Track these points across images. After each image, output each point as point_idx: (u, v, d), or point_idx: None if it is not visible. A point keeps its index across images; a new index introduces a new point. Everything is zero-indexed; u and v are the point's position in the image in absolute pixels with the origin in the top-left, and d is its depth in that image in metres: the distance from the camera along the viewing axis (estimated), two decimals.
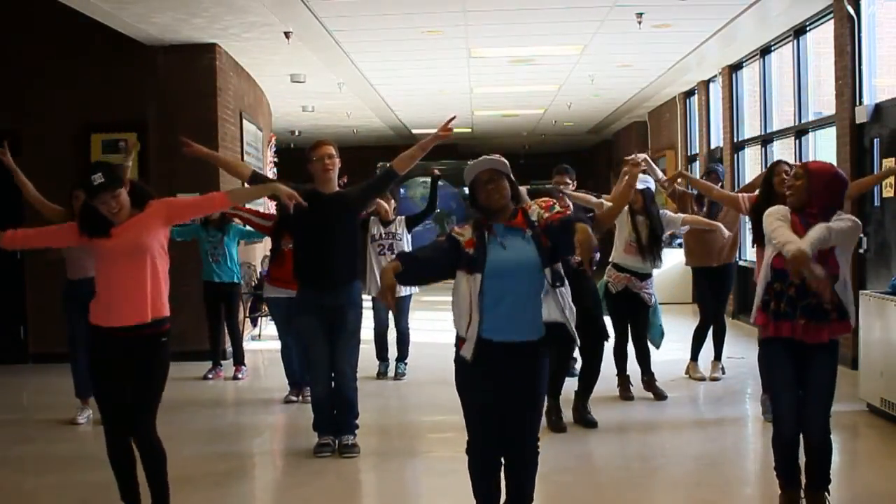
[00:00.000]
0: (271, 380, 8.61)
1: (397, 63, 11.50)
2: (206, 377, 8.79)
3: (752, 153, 12.36)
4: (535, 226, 4.05)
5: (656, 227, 7.17)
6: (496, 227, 4.05)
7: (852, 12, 8.29)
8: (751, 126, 12.37)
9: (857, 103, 8.39)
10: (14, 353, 9.96)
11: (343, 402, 5.98)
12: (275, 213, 7.79)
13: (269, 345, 10.57)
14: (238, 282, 8.86)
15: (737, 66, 12.37)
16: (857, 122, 8.36)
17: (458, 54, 11.00)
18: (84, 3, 7.94)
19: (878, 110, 8.15)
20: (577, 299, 4.27)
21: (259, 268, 11.45)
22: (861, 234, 8.25)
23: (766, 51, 11.24)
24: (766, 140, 11.45)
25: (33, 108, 9.94)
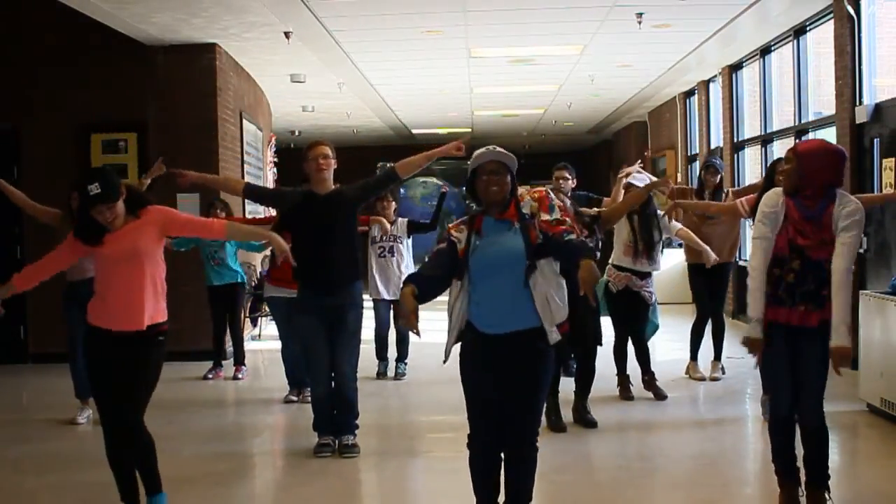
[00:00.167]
0: (271, 380, 8.61)
1: (397, 63, 11.50)
2: (206, 377, 8.79)
3: (752, 153, 12.36)
4: (524, 218, 4.07)
5: (653, 229, 7.17)
6: (486, 220, 4.10)
7: (852, 12, 8.28)
8: (751, 126, 12.37)
9: (857, 103, 8.39)
10: (14, 353, 9.96)
11: (343, 403, 5.98)
12: (273, 216, 7.78)
13: (269, 345, 10.57)
14: (241, 281, 8.86)
15: (737, 66, 12.37)
16: (857, 122, 8.36)
17: (458, 54, 11.00)
18: (84, 3, 7.95)
19: (878, 110, 8.15)
20: (572, 299, 4.27)
21: (259, 268, 11.45)
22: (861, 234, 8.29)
23: (766, 51, 11.24)
24: (766, 140, 11.45)
25: (33, 108, 9.94)
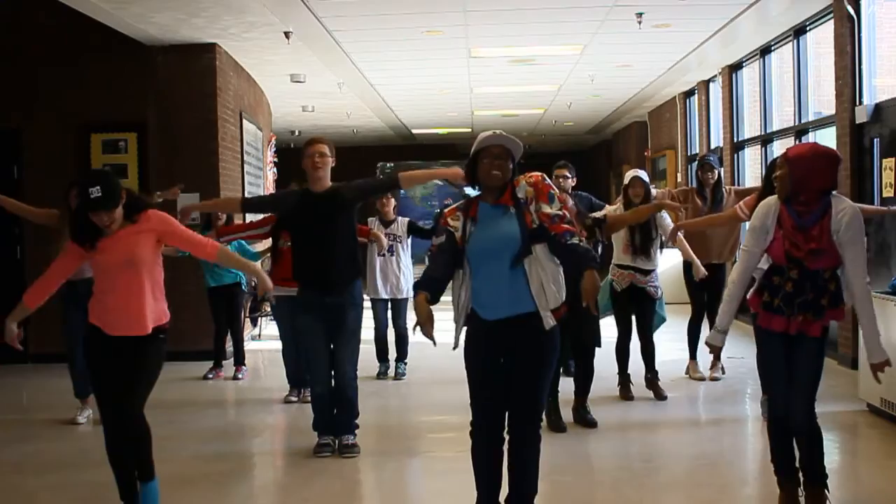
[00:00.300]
0: (271, 380, 8.61)
1: (397, 63, 11.50)
2: (206, 377, 8.79)
3: (752, 153, 12.36)
4: (520, 202, 4.07)
5: (650, 227, 7.17)
6: (481, 206, 4.11)
7: (852, 12, 8.29)
8: (751, 126, 12.37)
9: (857, 103, 8.39)
10: (14, 353, 9.91)
11: (343, 402, 5.97)
12: (271, 217, 7.76)
13: (269, 345, 10.58)
14: (240, 281, 8.85)
15: (737, 66, 12.37)
16: (857, 122, 8.36)
17: (458, 54, 11.00)
18: (84, 3, 7.94)
19: (877, 110, 8.15)
20: (571, 297, 4.27)
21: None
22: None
23: (766, 51, 11.24)
24: (766, 140, 11.45)
25: (33, 108, 9.94)
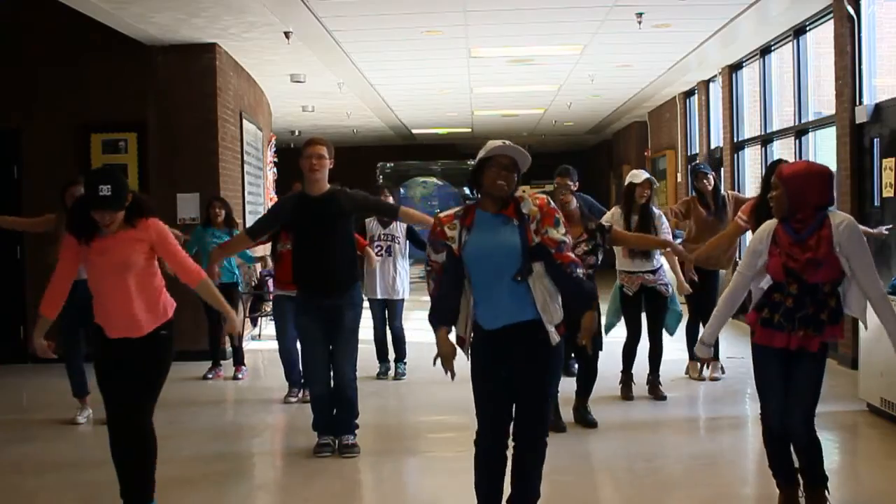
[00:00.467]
0: (271, 380, 8.61)
1: (397, 63, 11.50)
2: (206, 377, 8.79)
3: (752, 153, 12.36)
4: (525, 218, 4.05)
5: (649, 229, 7.16)
6: (478, 214, 4.09)
7: (852, 12, 8.28)
8: (751, 126, 12.37)
9: (857, 103, 8.39)
10: (14, 353, 9.95)
11: (343, 402, 5.97)
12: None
13: (269, 345, 10.56)
14: (236, 282, 8.85)
15: (737, 66, 12.37)
16: (857, 122, 8.36)
17: (458, 54, 11.00)
18: (84, 3, 7.94)
19: (877, 110, 8.15)
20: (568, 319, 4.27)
21: (259, 268, 11.45)
22: None
23: (766, 51, 11.24)
24: (766, 140, 11.45)
25: (33, 108, 9.94)
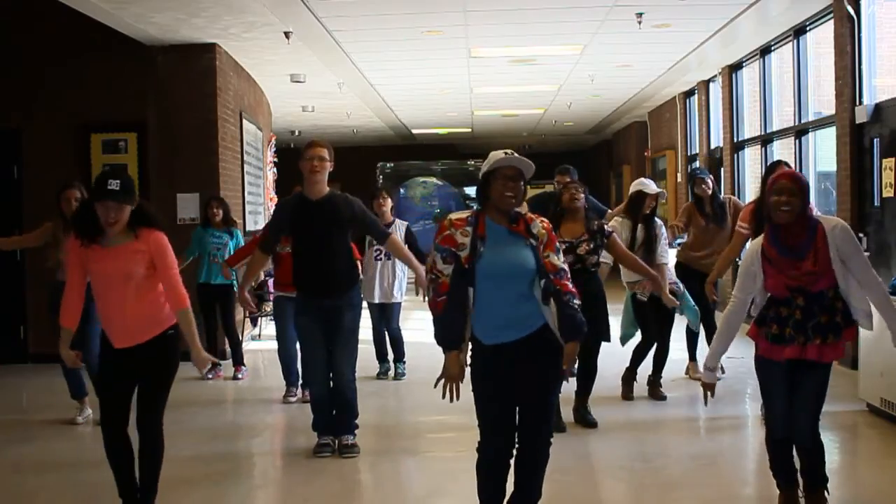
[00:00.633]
0: (271, 380, 8.60)
1: (397, 63, 11.50)
2: (205, 377, 8.78)
3: (752, 153, 12.35)
4: (535, 237, 4.07)
5: (652, 240, 7.17)
6: (489, 225, 4.06)
7: (852, 12, 8.28)
8: (751, 126, 12.37)
9: (857, 103, 8.39)
10: (14, 353, 9.96)
11: (342, 403, 5.97)
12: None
13: (269, 345, 10.56)
14: (232, 283, 8.84)
15: (737, 66, 12.37)
16: (857, 122, 8.36)
17: (458, 54, 11.00)
18: (84, 3, 7.94)
19: (877, 110, 8.15)
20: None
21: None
22: (861, 234, 8.29)
23: (766, 51, 11.24)
24: (766, 140, 11.45)
25: (33, 108, 9.94)
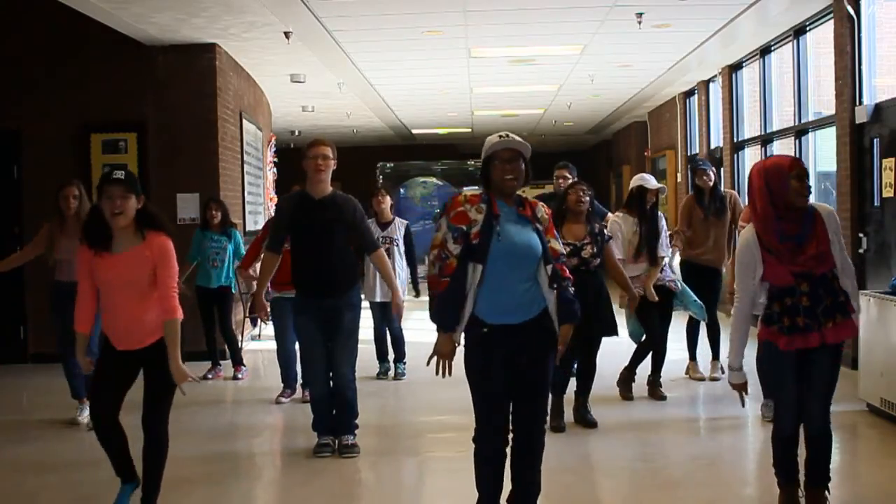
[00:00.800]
0: (271, 380, 8.59)
1: (397, 63, 11.49)
2: (205, 377, 8.78)
3: (752, 153, 12.35)
4: (541, 222, 4.11)
5: (652, 237, 7.18)
6: (508, 211, 4.07)
7: (852, 12, 8.28)
8: (751, 126, 12.37)
9: (857, 103, 8.39)
10: (14, 353, 9.96)
11: (342, 403, 5.97)
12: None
13: (268, 345, 10.55)
14: (229, 285, 8.83)
15: (737, 66, 12.37)
16: (857, 122, 8.36)
17: (458, 54, 11.00)
18: (84, 3, 7.94)
19: (877, 110, 8.15)
20: (579, 295, 4.27)
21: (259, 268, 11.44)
22: (860, 234, 8.30)
23: (766, 51, 11.24)
24: (766, 140, 11.45)
25: (33, 108, 9.93)
